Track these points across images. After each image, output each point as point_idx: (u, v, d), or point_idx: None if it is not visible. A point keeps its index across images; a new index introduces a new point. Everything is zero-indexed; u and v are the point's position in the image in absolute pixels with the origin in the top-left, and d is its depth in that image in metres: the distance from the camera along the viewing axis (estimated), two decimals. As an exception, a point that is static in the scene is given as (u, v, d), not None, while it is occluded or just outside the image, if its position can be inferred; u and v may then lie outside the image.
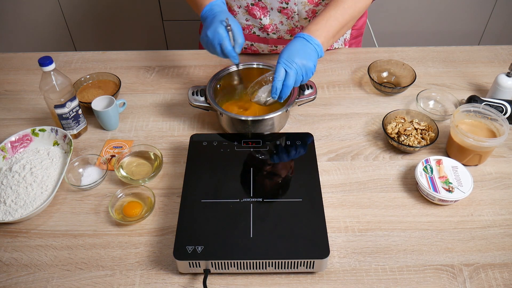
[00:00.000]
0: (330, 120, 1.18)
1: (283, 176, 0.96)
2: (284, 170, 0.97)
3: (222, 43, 1.03)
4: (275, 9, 1.22)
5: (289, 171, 0.96)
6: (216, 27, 1.03)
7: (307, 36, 1.01)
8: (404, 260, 0.88)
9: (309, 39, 1.00)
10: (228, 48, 1.04)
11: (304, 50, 0.99)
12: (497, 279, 0.85)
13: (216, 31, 1.03)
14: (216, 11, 1.07)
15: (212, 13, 1.07)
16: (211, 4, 1.09)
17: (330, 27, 1.04)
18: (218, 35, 1.03)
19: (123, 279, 0.85)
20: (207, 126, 1.16)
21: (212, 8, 1.08)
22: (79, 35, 2.40)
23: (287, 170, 0.97)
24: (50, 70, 1.00)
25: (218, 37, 1.03)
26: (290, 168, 0.97)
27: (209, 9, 1.09)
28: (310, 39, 1.00)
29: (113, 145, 1.11)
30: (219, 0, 1.10)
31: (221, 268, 0.82)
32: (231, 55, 1.05)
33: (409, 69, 1.26)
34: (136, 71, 1.35)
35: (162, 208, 0.97)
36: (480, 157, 1.03)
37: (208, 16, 1.08)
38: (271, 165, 0.98)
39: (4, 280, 0.85)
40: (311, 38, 1.01)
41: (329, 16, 1.04)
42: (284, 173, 0.96)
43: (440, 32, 2.43)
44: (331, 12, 1.05)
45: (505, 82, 1.16)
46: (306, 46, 1.00)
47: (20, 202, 0.94)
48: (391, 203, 0.98)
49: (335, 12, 1.05)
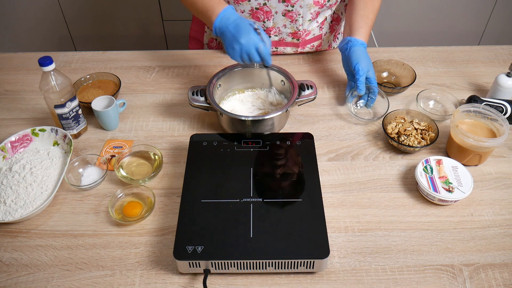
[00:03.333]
0: (330, 120, 1.18)
1: (283, 176, 0.96)
2: (284, 170, 0.97)
3: (258, 47, 1.03)
4: (279, 12, 1.22)
5: (289, 171, 0.96)
6: (248, 32, 1.02)
7: (364, 44, 1.18)
8: (404, 260, 0.88)
9: (365, 46, 1.18)
10: (267, 50, 1.04)
11: (367, 57, 1.17)
12: (497, 279, 0.85)
13: (249, 38, 1.02)
14: (234, 18, 1.05)
15: (230, 21, 1.05)
16: (224, 12, 1.06)
17: (370, 27, 1.21)
18: (252, 40, 1.02)
19: (123, 279, 0.85)
20: (207, 126, 1.16)
21: (227, 16, 1.06)
22: (79, 35, 2.40)
23: (287, 170, 0.97)
24: (50, 70, 1.00)
25: (254, 43, 1.02)
26: (290, 168, 0.97)
27: (224, 17, 1.06)
28: (365, 46, 1.18)
29: (113, 145, 1.11)
30: (229, 6, 1.08)
31: (221, 268, 0.82)
32: (269, 56, 1.05)
33: (409, 69, 1.26)
34: (136, 71, 1.35)
35: (162, 208, 0.97)
36: (480, 157, 1.03)
37: (227, 24, 1.05)
38: (271, 165, 0.98)
39: (4, 280, 0.85)
40: (365, 44, 1.18)
41: (366, 18, 1.20)
42: (284, 173, 0.96)
43: (440, 32, 2.43)
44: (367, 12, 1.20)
45: (505, 82, 1.16)
46: (365, 52, 1.17)
47: (20, 202, 0.94)
48: (391, 203, 0.98)
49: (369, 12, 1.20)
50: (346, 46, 1.16)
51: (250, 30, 1.03)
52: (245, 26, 1.03)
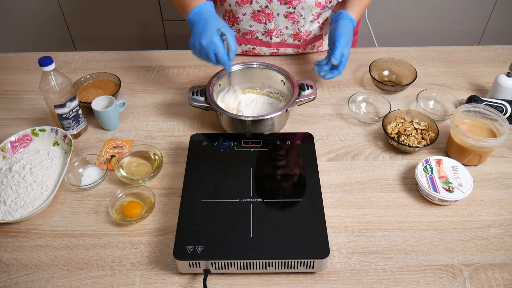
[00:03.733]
0: (330, 120, 1.18)
1: (283, 176, 0.95)
2: (284, 170, 0.97)
3: (217, 52, 1.01)
4: (281, 14, 1.22)
5: (289, 171, 0.96)
6: (212, 36, 1.01)
7: (353, 20, 1.18)
8: (404, 260, 0.88)
9: (353, 22, 1.18)
10: (224, 58, 1.02)
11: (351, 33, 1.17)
12: (497, 279, 0.85)
13: (211, 41, 1.00)
14: (205, 16, 1.04)
15: (202, 18, 1.04)
16: (199, 7, 1.06)
17: (364, 7, 1.23)
18: (213, 45, 1.01)
19: (123, 279, 0.85)
20: (207, 126, 1.16)
21: (201, 12, 1.05)
22: (79, 35, 2.40)
23: (287, 170, 0.97)
24: (50, 70, 1.00)
25: (214, 47, 1.01)
26: (290, 168, 0.97)
27: (197, 13, 1.05)
28: (353, 22, 1.18)
29: (113, 145, 1.11)
30: (207, 3, 1.07)
31: (221, 268, 0.82)
32: (226, 64, 1.04)
33: (410, 68, 1.26)
34: (136, 71, 1.35)
35: (162, 208, 0.97)
36: (480, 157, 1.03)
37: (198, 20, 1.04)
38: (271, 165, 0.98)
39: (4, 280, 0.85)
40: (353, 21, 1.18)
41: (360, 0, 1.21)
42: (284, 173, 0.96)
43: (440, 32, 2.43)
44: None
45: (505, 82, 1.16)
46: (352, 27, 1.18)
47: (20, 202, 0.94)
48: (391, 203, 0.98)
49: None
50: (337, 17, 1.17)
51: (214, 33, 1.01)
52: (211, 28, 1.02)
